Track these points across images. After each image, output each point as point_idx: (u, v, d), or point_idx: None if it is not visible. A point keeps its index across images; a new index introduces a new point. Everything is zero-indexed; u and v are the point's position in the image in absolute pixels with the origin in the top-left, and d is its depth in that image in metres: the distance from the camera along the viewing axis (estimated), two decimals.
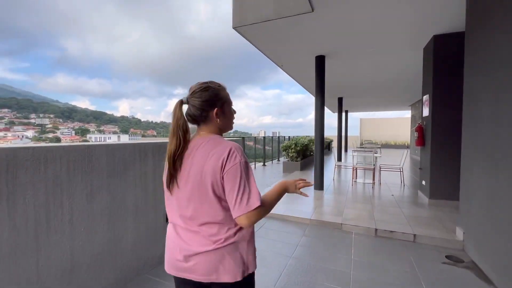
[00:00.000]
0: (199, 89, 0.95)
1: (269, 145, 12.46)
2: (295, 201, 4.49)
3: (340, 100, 11.78)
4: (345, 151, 15.99)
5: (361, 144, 19.39)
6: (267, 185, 6.19)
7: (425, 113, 4.65)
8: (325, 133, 5.79)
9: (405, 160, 6.20)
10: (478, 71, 2.67)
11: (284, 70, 6.54)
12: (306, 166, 9.10)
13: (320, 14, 3.53)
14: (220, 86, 0.99)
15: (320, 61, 5.42)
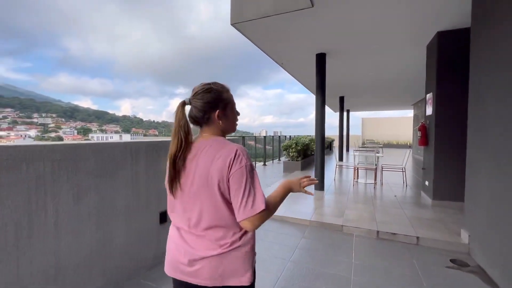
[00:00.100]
0: (201, 90, 0.93)
1: (270, 145, 12.37)
2: (295, 201, 4.40)
3: (341, 99, 11.67)
4: (347, 151, 15.86)
5: (363, 143, 19.25)
6: (267, 185, 6.09)
7: (429, 112, 4.54)
8: (327, 132, 5.69)
9: (408, 160, 6.09)
10: (484, 69, 2.57)
11: (284, 68, 6.44)
12: (307, 165, 9.01)
13: (320, 10, 3.43)
14: (223, 87, 0.97)
15: (320, 59, 5.33)
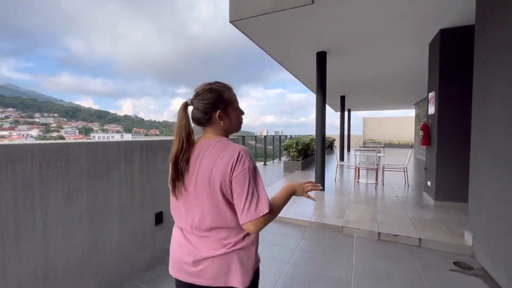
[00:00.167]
0: (202, 91, 0.92)
1: (270, 144, 12.30)
2: (295, 201, 4.32)
3: (342, 98, 11.58)
4: (348, 151, 15.75)
5: (364, 143, 19.14)
6: (267, 185, 6.03)
7: (431, 111, 4.46)
8: (328, 132, 5.62)
9: (409, 160, 6.00)
10: (489, 67, 2.49)
11: (284, 67, 6.37)
12: (307, 165, 8.94)
13: (320, 7, 3.36)
14: (224, 87, 0.95)
15: (321, 58, 5.25)
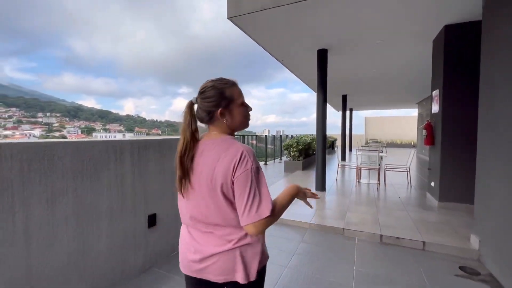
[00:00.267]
0: (204, 89, 0.90)
1: (272, 144, 12.19)
2: (295, 202, 4.21)
3: (344, 97, 11.46)
4: (349, 150, 15.62)
5: (366, 143, 18.98)
6: (267, 185, 5.93)
7: (435, 110, 4.34)
8: (330, 132, 5.52)
9: (412, 159, 5.88)
10: (497, 64, 2.37)
11: (285, 65, 6.27)
12: (308, 165, 8.82)
13: (321, 2, 3.25)
14: (226, 84, 0.92)
15: (322, 55, 5.14)
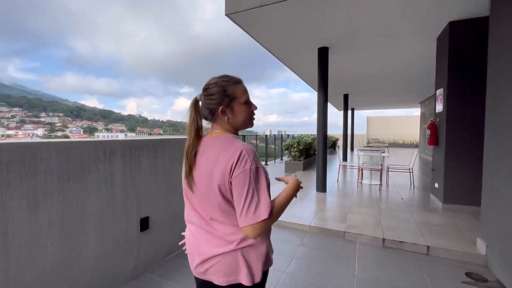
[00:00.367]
0: (207, 86, 0.89)
1: (273, 144, 12.10)
2: (295, 203, 4.14)
3: (345, 97, 11.34)
4: (351, 150, 15.48)
5: (368, 142, 18.83)
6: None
7: (439, 109, 4.22)
8: (331, 131, 5.43)
9: (415, 160, 5.76)
10: (506, 61, 2.26)
11: (285, 64, 6.17)
12: (309, 165, 8.71)
13: None
14: (229, 81, 0.90)
15: (323, 54, 5.03)
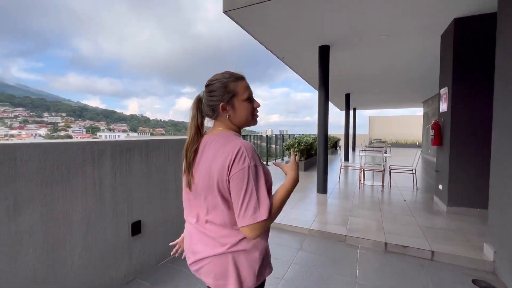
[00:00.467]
0: (209, 83, 0.88)
1: (274, 144, 12.00)
2: (295, 205, 4.04)
3: (347, 96, 11.21)
4: (353, 151, 15.32)
5: (370, 143, 18.66)
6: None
7: (443, 109, 4.10)
8: (333, 131, 5.32)
9: (418, 160, 5.64)
10: None
11: (285, 62, 6.06)
12: (310, 166, 8.60)
13: None
14: (230, 77, 0.87)
15: (324, 52, 4.93)
